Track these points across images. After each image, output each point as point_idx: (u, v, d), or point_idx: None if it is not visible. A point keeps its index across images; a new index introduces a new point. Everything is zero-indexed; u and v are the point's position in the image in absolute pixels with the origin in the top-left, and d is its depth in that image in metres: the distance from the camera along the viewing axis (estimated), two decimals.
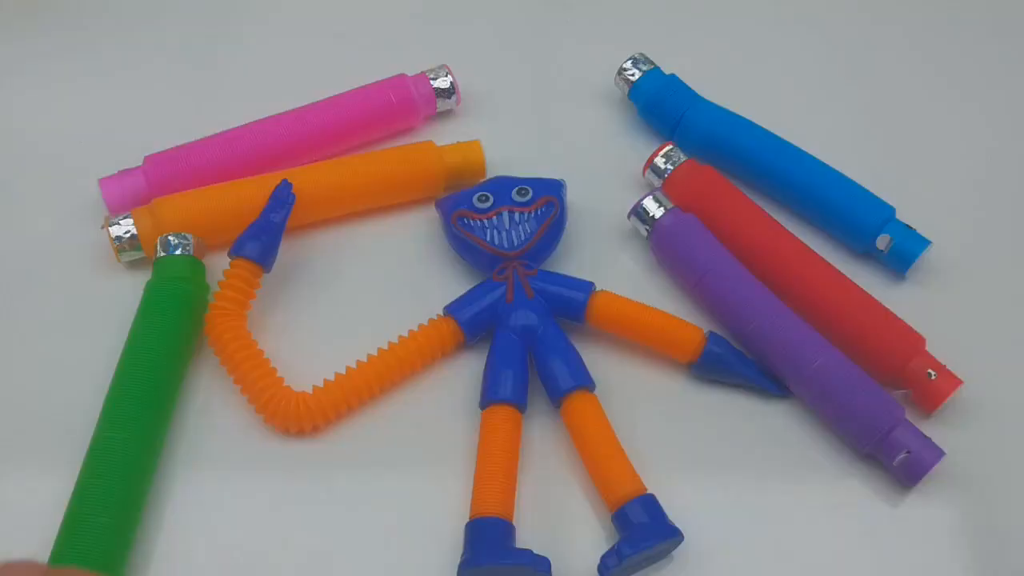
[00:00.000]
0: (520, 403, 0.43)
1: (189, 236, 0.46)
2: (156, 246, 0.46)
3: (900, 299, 0.47)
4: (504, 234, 0.46)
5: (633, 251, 0.50)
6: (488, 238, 0.46)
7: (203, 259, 0.47)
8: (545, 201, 0.47)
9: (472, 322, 0.45)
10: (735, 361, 0.44)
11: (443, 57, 0.54)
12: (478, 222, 0.47)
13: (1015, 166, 0.53)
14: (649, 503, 0.41)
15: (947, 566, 0.41)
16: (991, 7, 0.61)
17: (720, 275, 0.46)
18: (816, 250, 0.47)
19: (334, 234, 0.50)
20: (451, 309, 0.45)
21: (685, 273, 0.47)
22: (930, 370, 0.44)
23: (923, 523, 0.42)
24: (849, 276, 0.47)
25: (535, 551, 0.39)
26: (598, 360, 0.45)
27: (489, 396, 0.43)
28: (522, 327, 0.44)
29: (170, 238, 0.46)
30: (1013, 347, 0.47)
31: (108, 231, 0.47)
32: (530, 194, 0.47)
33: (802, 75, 0.57)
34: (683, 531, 0.41)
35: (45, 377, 0.46)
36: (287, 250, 0.49)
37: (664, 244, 0.48)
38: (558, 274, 0.46)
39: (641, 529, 0.40)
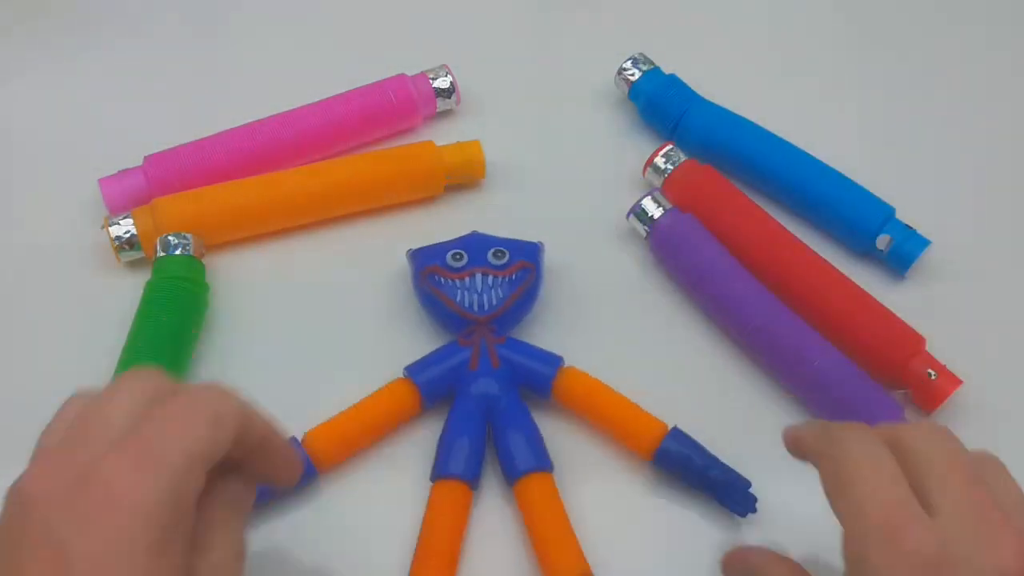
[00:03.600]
0: (472, 478, 0.41)
1: (188, 236, 0.46)
2: (156, 246, 0.46)
3: (900, 299, 0.47)
4: (476, 296, 0.44)
5: (633, 251, 0.50)
6: (458, 299, 0.44)
7: (203, 259, 0.47)
8: (521, 266, 0.45)
9: (431, 385, 0.43)
10: (695, 462, 0.41)
11: (443, 57, 0.54)
12: (449, 281, 0.44)
13: (1015, 166, 0.53)
14: None
15: None
16: (991, 7, 0.61)
17: (719, 275, 0.46)
18: (816, 250, 0.47)
19: (334, 235, 0.50)
20: (411, 370, 0.43)
21: (684, 273, 0.47)
22: (930, 370, 0.44)
23: None
24: (849, 276, 0.47)
25: None
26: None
27: (440, 470, 0.41)
28: (484, 397, 0.42)
29: (170, 238, 0.46)
30: (1013, 347, 0.47)
31: (108, 231, 0.47)
32: (507, 257, 0.45)
33: (802, 75, 0.57)
34: (686, 528, 0.41)
35: (45, 377, 0.45)
36: (287, 251, 0.50)
37: (663, 244, 0.48)
38: (527, 344, 0.44)
39: None
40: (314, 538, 0.41)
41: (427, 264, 0.45)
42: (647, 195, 0.48)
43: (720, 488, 0.41)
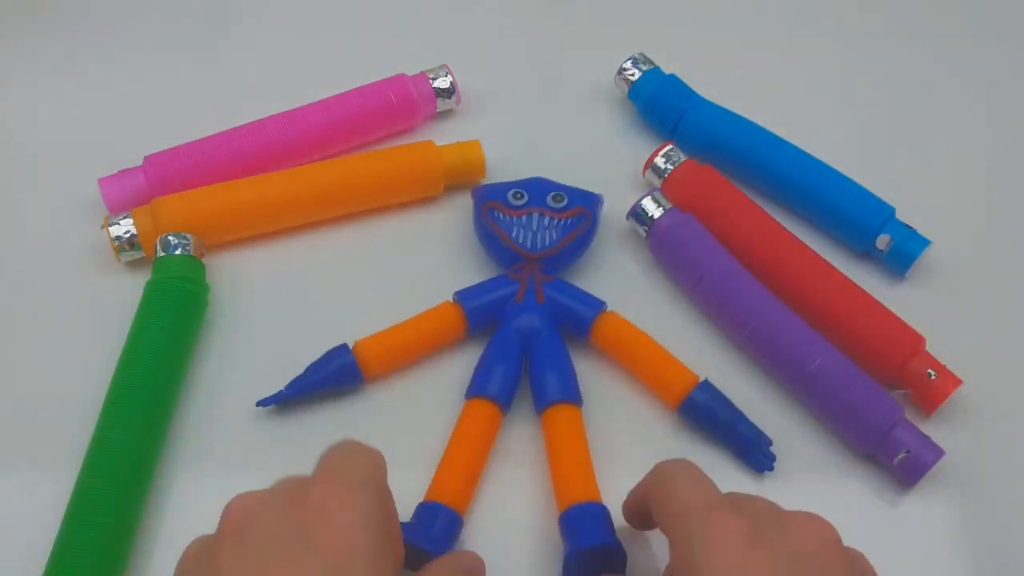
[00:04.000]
0: (504, 402, 0.43)
1: (189, 236, 0.46)
2: (156, 246, 0.46)
3: (900, 299, 0.47)
4: (531, 235, 0.46)
5: (633, 251, 0.50)
6: (514, 235, 0.46)
7: (203, 259, 0.47)
8: (578, 212, 0.47)
9: (478, 312, 0.45)
10: (720, 415, 0.43)
11: (443, 57, 0.54)
12: (508, 217, 0.47)
13: (1015, 166, 0.53)
14: (595, 511, 0.40)
15: (947, 566, 0.41)
16: (991, 7, 0.60)
17: (719, 275, 0.46)
18: (816, 250, 0.47)
19: (334, 235, 0.50)
20: (461, 295, 0.45)
21: (684, 273, 0.47)
22: (930, 370, 0.44)
23: (923, 523, 0.42)
24: (849, 276, 0.47)
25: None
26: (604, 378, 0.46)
27: (475, 389, 0.43)
28: (525, 329, 0.44)
29: (170, 238, 0.46)
30: (1013, 347, 0.47)
31: (108, 231, 0.47)
32: (565, 201, 0.47)
33: (802, 75, 0.57)
34: None
35: (45, 377, 0.46)
36: (285, 251, 0.50)
37: (663, 245, 0.48)
38: (573, 286, 0.46)
39: (576, 535, 0.39)
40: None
41: (489, 200, 0.47)
42: (647, 195, 0.48)
43: (743, 443, 0.43)
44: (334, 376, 0.44)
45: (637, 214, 0.48)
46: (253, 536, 0.32)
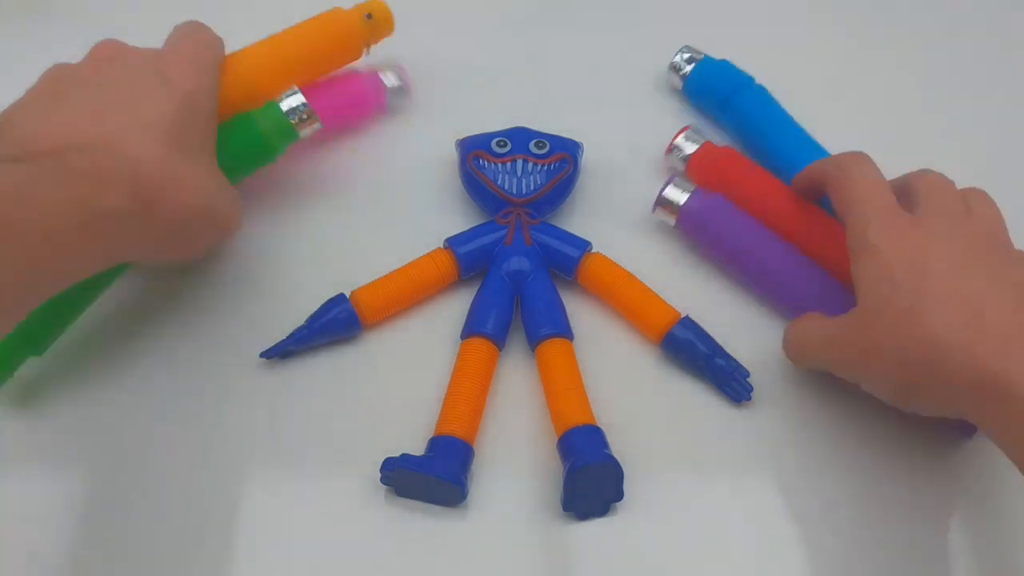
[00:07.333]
0: (498, 339, 0.45)
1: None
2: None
3: None
4: (516, 180, 0.48)
5: (639, 242, 0.49)
6: (499, 181, 0.48)
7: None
8: (560, 157, 0.49)
9: (469, 256, 0.47)
10: (700, 349, 0.44)
11: (435, 49, 0.54)
12: (493, 164, 0.48)
13: (1015, 166, 0.51)
14: (592, 432, 0.42)
15: (947, 566, 0.40)
16: (992, 7, 0.59)
17: (760, 249, 0.46)
18: None
19: (332, 200, 0.51)
20: (451, 241, 0.47)
21: (722, 251, 0.47)
22: None
23: (922, 523, 0.41)
24: None
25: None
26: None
27: (470, 328, 0.45)
28: (515, 271, 0.46)
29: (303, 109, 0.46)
30: None
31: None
32: (547, 148, 0.49)
33: (802, 76, 0.55)
34: (681, 532, 0.41)
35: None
36: (282, 217, 0.50)
37: (695, 226, 0.47)
38: (559, 228, 0.48)
39: (575, 454, 0.41)
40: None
41: (474, 149, 0.49)
42: (667, 184, 0.47)
43: (722, 375, 0.44)
44: (333, 324, 0.45)
45: (663, 204, 0.47)
46: (119, 63, 0.41)
